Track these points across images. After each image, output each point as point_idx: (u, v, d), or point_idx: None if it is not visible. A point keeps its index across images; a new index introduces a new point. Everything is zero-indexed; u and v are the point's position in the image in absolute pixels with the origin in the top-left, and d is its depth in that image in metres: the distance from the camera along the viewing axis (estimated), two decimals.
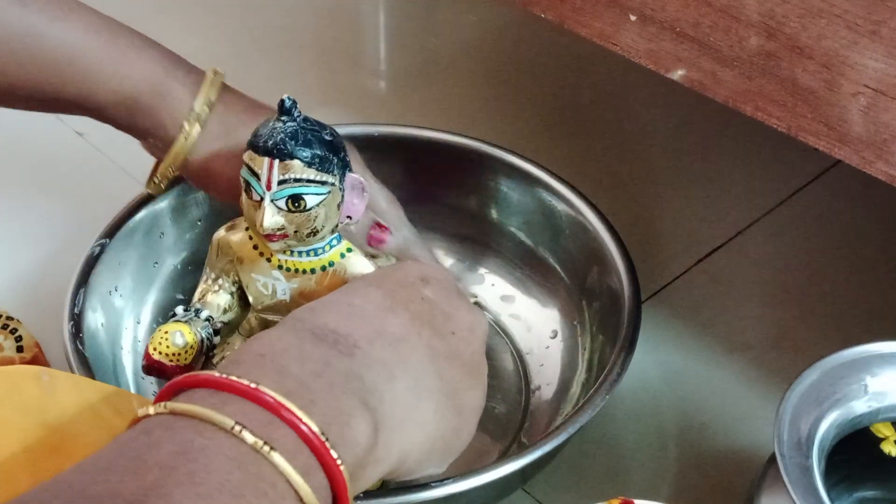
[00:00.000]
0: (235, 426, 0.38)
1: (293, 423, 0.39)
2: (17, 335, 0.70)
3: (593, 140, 0.93)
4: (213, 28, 1.07)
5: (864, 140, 0.53)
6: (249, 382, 0.40)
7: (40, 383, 0.48)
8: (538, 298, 0.75)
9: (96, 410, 0.48)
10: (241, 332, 0.67)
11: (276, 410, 0.39)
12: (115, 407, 0.49)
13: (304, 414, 0.39)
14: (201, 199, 0.72)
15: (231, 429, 0.38)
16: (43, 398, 0.47)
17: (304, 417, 0.39)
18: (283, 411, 0.39)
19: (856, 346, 0.57)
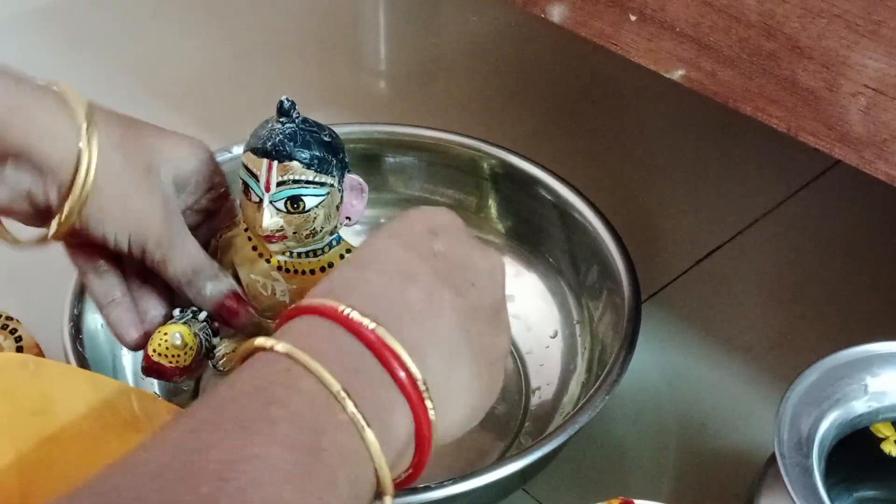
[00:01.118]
0: None
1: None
2: (16, 335, 0.70)
3: (593, 140, 0.92)
4: (213, 29, 1.07)
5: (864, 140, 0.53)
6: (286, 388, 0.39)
7: (27, 370, 0.48)
8: (538, 298, 0.75)
9: (82, 397, 0.48)
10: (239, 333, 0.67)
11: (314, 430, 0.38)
12: (101, 394, 0.49)
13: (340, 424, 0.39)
14: None
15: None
16: (28, 385, 0.47)
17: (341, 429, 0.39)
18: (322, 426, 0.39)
19: (856, 346, 0.57)
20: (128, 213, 0.54)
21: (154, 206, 0.54)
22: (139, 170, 0.54)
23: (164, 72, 1.00)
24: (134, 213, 0.54)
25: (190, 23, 1.07)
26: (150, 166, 0.54)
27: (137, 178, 0.54)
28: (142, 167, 0.54)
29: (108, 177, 0.52)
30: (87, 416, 0.48)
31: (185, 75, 1.00)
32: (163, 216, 0.54)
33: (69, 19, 1.08)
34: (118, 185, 0.53)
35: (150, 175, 0.54)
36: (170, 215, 0.55)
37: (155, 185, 0.54)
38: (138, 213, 0.54)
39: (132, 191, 0.54)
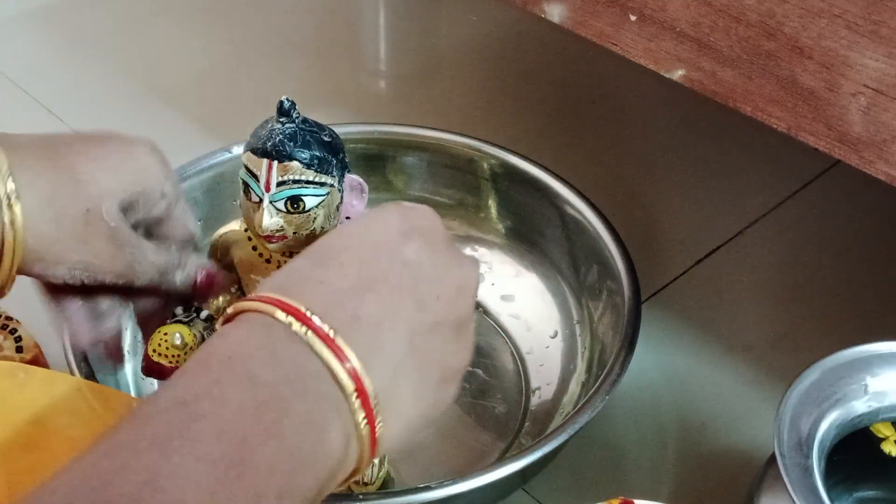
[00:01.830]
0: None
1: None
2: (16, 335, 0.70)
3: (593, 140, 0.92)
4: (213, 29, 1.07)
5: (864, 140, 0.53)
6: (213, 401, 0.38)
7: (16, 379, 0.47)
8: (538, 298, 0.75)
9: (74, 406, 0.48)
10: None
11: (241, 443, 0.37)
12: (93, 402, 0.49)
13: (271, 436, 0.38)
14: (201, 200, 0.72)
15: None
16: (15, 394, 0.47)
17: (267, 447, 0.37)
18: (250, 439, 0.37)
19: (856, 346, 0.57)
20: (73, 262, 0.53)
21: (100, 249, 0.53)
22: (77, 218, 0.52)
23: (163, 72, 1.00)
24: (82, 259, 0.53)
25: (190, 23, 1.07)
26: (89, 209, 0.52)
27: (76, 228, 0.52)
28: (80, 213, 0.52)
29: (42, 239, 0.51)
30: (77, 425, 0.47)
31: (185, 75, 1.00)
32: (112, 253, 0.53)
33: (69, 19, 1.08)
34: (56, 244, 0.52)
35: (89, 218, 0.52)
36: (121, 247, 0.54)
37: (97, 227, 0.52)
38: (85, 261, 0.53)
39: (73, 244, 0.52)
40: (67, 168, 0.52)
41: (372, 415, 0.41)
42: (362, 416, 0.41)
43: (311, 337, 0.41)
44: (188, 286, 0.58)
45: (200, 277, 0.58)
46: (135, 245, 0.54)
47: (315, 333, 0.41)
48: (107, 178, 0.53)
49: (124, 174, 0.54)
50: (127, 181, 0.54)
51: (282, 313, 0.41)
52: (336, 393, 0.41)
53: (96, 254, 0.53)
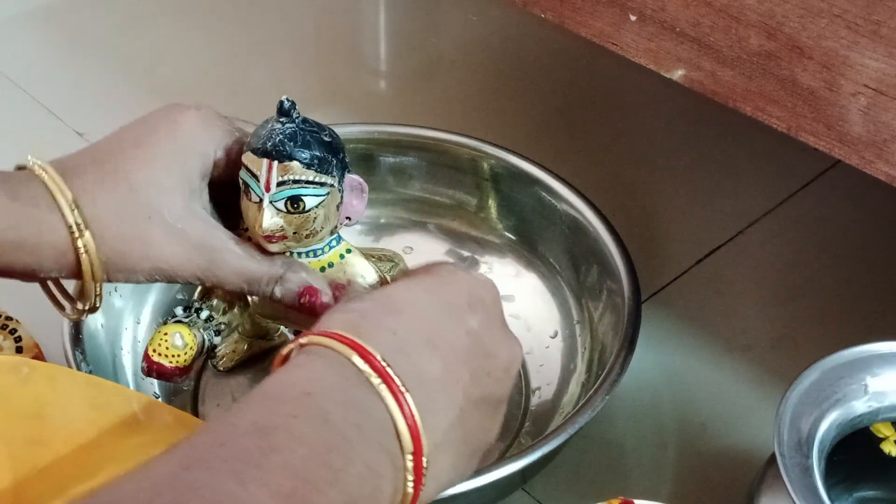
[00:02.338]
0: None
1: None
2: (16, 335, 0.70)
3: (593, 140, 0.92)
4: (213, 29, 1.07)
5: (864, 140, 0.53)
6: (290, 436, 0.38)
7: (19, 375, 0.47)
8: (538, 298, 0.75)
9: (77, 400, 0.48)
10: (240, 333, 0.67)
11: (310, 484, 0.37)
12: (96, 397, 0.49)
13: (336, 482, 0.38)
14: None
15: None
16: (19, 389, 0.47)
17: (331, 491, 0.38)
18: (319, 483, 0.38)
19: (856, 346, 0.57)
20: (148, 270, 0.53)
21: (168, 253, 0.53)
22: (140, 228, 0.52)
23: (163, 72, 1.00)
24: (154, 266, 0.53)
25: (189, 23, 1.07)
26: (150, 216, 0.52)
27: (141, 238, 0.52)
28: (142, 222, 0.52)
29: (113, 255, 0.52)
30: (81, 420, 0.47)
31: (185, 75, 1.00)
32: (184, 253, 0.53)
33: (69, 19, 1.08)
34: (128, 258, 0.53)
35: (152, 225, 0.53)
36: (193, 248, 0.53)
37: (162, 231, 0.53)
38: (157, 265, 0.53)
39: (141, 254, 0.53)
40: (122, 181, 0.53)
41: (421, 475, 0.42)
42: (412, 476, 0.42)
43: (382, 389, 0.41)
44: (290, 302, 0.55)
45: (304, 298, 0.55)
46: (213, 245, 0.54)
47: (387, 385, 0.41)
48: (160, 179, 0.53)
49: (176, 164, 0.54)
50: (180, 173, 0.54)
51: (359, 359, 0.42)
52: (395, 448, 0.41)
53: (167, 260, 0.53)
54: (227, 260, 0.54)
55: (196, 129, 0.55)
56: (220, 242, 0.54)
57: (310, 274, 0.56)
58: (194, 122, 0.55)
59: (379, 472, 0.40)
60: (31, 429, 0.45)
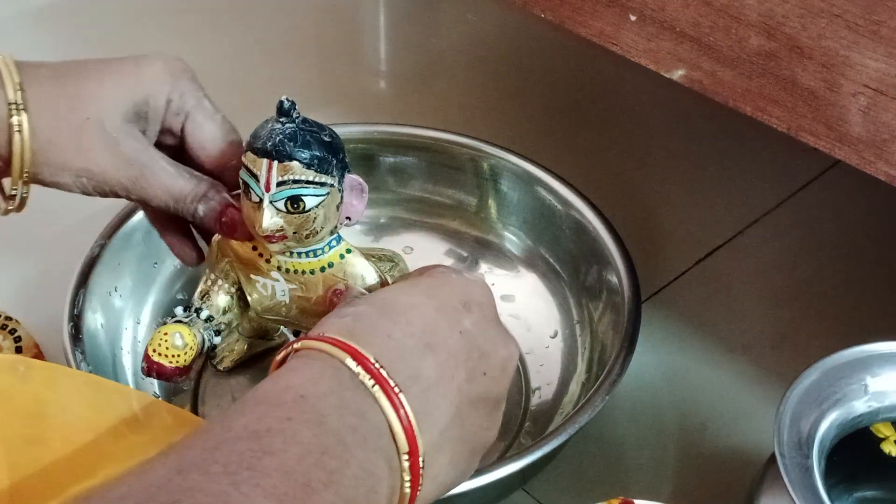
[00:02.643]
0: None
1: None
2: (15, 335, 0.70)
3: (593, 140, 0.92)
4: (213, 29, 1.07)
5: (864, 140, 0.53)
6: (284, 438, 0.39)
7: (16, 374, 0.47)
8: (538, 298, 0.75)
9: (75, 399, 0.48)
10: (240, 332, 0.67)
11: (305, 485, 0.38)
12: (95, 395, 0.49)
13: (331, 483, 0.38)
14: None
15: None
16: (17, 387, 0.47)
17: (327, 493, 0.38)
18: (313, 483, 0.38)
19: (856, 346, 0.57)
20: (77, 169, 0.55)
21: (102, 158, 0.55)
22: (77, 127, 0.55)
23: None
24: (82, 168, 0.55)
25: (189, 22, 1.07)
26: (89, 117, 0.55)
27: (75, 136, 0.55)
28: (80, 122, 0.55)
29: (43, 144, 0.55)
30: (80, 419, 0.47)
31: None
32: (113, 161, 0.55)
33: (69, 19, 1.08)
34: (57, 150, 0.55)
35: (88, 126, 0.55)
36: (128, 161, 0.55)
37: (97, 136, 0.55)
38: (86, 167, 0.55)
39: (72, 151, 0.55)
40: (73, 84, 0.56)
41: (418, 476, 0.42)
42: (409, 476, 0.42)
43: (376, 391, 0.42)
44: (211, 221, 0.57)
45: (224, 216, 0.57)
46: (144, 161, 0.56)
47: (381, 387, 0.42)
48: (109, 90, 0.56)
49: (127, 86, 0.57)
50: (128, 94, 0.56)
51: (352, 361, 0.42)
52: (391, 449, 0.42)
53: (97, 163, 0.55)
54: (156, 174, 0.56)
55: (158, 68, 0.58)
56: (152, 159, 0.56)
57: (224, 200, 0.57)
58: (159, 63, 0.58)
59: (375, 473, 0.40)
60: (31, 428, 0.45)
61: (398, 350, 0.44)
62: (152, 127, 0.58)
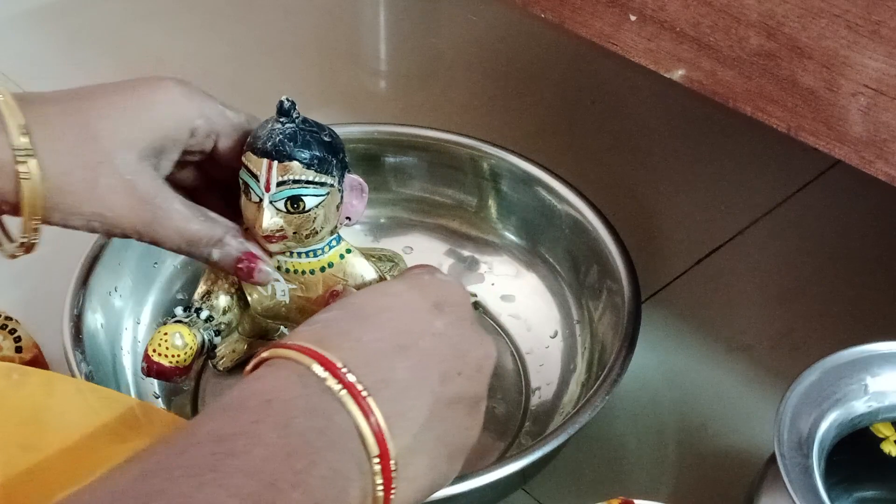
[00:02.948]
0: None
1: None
2: (15, 335, 0.70)
3: (593, 140, 0.92)
4: (213, 29, 1.07)
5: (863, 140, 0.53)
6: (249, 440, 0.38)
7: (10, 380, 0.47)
8: (538, 298, 0.75)
9: (70, 406, 0.47)
10: (240, 333, 0.67)
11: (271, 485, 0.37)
12: (90, 402, 0.49)
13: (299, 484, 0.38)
14: None
15: None
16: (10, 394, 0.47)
17: (294, 493, 0.38)
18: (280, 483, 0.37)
19: (856, 346, 0.57)
20: (89, 214, 0.53)
21: (115, 202, 0.53)
22: (90, 171, 0.52)
23: (163, 71, 0.99)
24: (96, 211, 0.53)
25: (190, 22, 1.07)
26: (101, 161, 0.52)
27: (89, 181, 0.52)
28: (93, 166, 0.52)
29: (55, 191, 0.52)
30: (74, 425, 0.47)
31: (185, 75, 0.99)
32: (128, 205, 0.53)
33: (69, 19, 1.08)
34: (70, 197, 0.52)
35: (102, 171, 0.52)
36: (140, 202, 0.53)
37: (111, 179, 0.52)
38: (99, 211, 0.53)
39: (85, 197, 0.52)
40: (84, 123, 0.52)
41: (390, 479, 0.42)
42: (381, 480, 0.42)
43: (344, 395, 0.41)
44: (227, 267, 0.56)
45: (241, 263, 0.55)
46: (159, 204, 0.54)
47: (348, 391, 0.41)
48: (122, 129, 0.53)
49: (143, 122, 0.54)
50: (145, 129, 0.54)
51: (319, 367, 0.42)
52: (361, 453, 0.41)
53: (111, 207, 0.53)
54: (170, 217, 0.54)
55: (175, 95, 0.55)
56: (166, 202, 0.54)
57: (251, 242, 0.56)
58: (174, 89, 0.55)
59: (345, 474, 0.40)
60: (25, 434, 0.45)
61: (367, 354, 0.44)
62: (168, 158, 0.56)
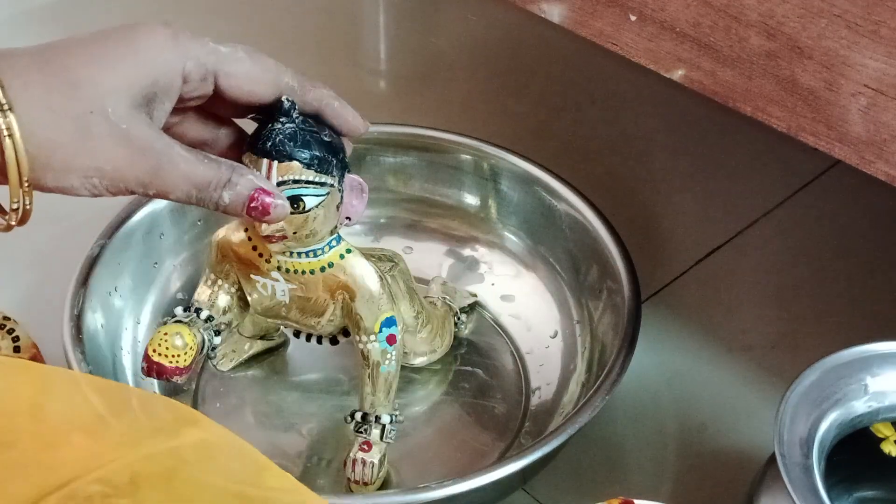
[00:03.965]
0: None
1: None
2: (14, 335, 0.70)
3: (593, 140, 0.92)
4: (212, 28, 1.06)
5: (864, 140, 0.53)
6: None
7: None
8: (538, 298, 0.75)
9: (38, 398, 0.46)
10: (240, 333, 0.68)
11: None
12: (58, 394, 0.46)
13: None
14: None
15: None
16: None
17: None
18: None
19: (856, 346, 0.57)
20: (85, 169, 0.49)
21: (113, 154, 0.49)
22: (79, 121, 0.48)
23: None
24: (92, 167, 0.49)
25: (189, 22, 1.06)
26: (92, 111, 0.48)
27: (79, 132, 0.48)
28: (82, 116, 0.48)
29: (43, 147, 0.48)
30: (41, 420, 0.44)
31: None
32: (127, 155, 0.49)
33: (69, 19, 1.08)
34: (60, 151, 0.48)
35: (93, 121, 0.48)
36: (141, 151, 0.49)
37: (103, 129, 0.48)
38: (96, 166, 0.49)
39: (78, 149, 0.48)
40: (62, 71, 0.49)
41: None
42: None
43: None
44: (238, 207, 0.52)
45: (255, 201, 0.52)
46: (160, 150, 0.50)
47: None
48: (107, 77, 0.49)
49: (128, 66, 0.50)
50: (132, 76, 0.50)
51: None
52: None
53: (109, 159, 0.49)
54: (175, 162, 0.50)
55: (159, 39, 0.52)
56: (168, 147, 0.50)
57: (256, 176, 0.53)
58: (158, 33, 0.52)
59: None
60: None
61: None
62: (161, 108, 0.51)
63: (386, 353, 0.59)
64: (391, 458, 0.63)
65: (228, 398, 0.69)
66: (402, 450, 0.65)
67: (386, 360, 0.59)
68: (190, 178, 0.50)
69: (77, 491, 0.40)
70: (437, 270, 0.76)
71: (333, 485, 0.63)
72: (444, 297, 0.71)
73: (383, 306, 0.58)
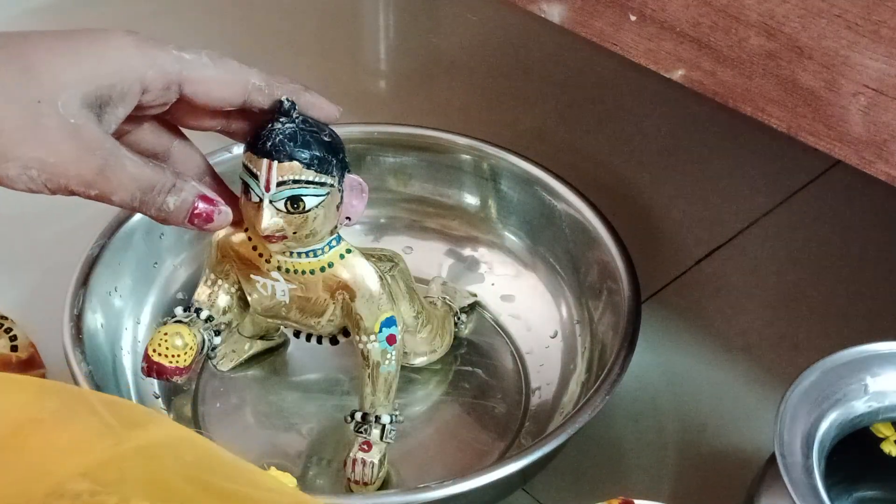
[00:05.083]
0: None
1: None
2: (11, 335, 0.70)
3: (593, 140, 0.92)
4: (212, 28, 1.07)
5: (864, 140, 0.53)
6: None
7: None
8: (538, 298, 0.75)
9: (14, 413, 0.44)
10: (240, 333, 0.68)
11: None
12: (38, 406, 0.44)
13: None
14: None
15: None
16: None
17: None
18: None
19: (856, 346, 0.57)
20: (27, 159, 0.47)
21: (59, 147, 0.47)
22: (27, 109, 0.47)
23: None
24: (34, 158, 0.47)
25: (189, 22, 1.07)
26: (41, 100, 0.47)
27: (25, 120, 0.47)
28: (30, 104, 0.47)
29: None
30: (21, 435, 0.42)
31: None
32: (73, 150, 0.48)
33: (69, 19, 1.08)
34: (2, 132, 0.47)
35: (42, 110, 0.47)
36: (88, 150, 0.48)
37: (52, 121, 0.47)
38: (38, 157, 0.47)
39: (22, 137, 0.47)
40: (18, 57, 0.47)
41: None
42: None
43: None
44: (182, 214, 0.51)
45: (197, 207, 0.52)
46: (108, 150, 0.49)
47: None
48: (64, 69, 0.48)
49: (87, 65, 0.49)
50: (88, 75, 0.48)
51: None
52: None
53: (54, 151, 0.47)
54: (122, 163, 0.49)
55: (123, 44, 0.50)
56: (115, 147, 0.49)
57: (199, 184, 0.52)
58: (123, 39, 0.50)
59: None
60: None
61: None
62: (113, 112, 0.50)
63: (386, 353, 0.59)
64: (391, 458, 0.63)
65: (228, 398, 0.69)
66: (402, 450, 0.65)
67: (386, 360, 0.59)
68: (136, 180, 0.49)
69: (65, 489, 0.39)
70: (437, 270, 0.76)
71: (333, 485, 0.63)
72: (444, 297, 0.71)
73: (383, 306, 0.58)
